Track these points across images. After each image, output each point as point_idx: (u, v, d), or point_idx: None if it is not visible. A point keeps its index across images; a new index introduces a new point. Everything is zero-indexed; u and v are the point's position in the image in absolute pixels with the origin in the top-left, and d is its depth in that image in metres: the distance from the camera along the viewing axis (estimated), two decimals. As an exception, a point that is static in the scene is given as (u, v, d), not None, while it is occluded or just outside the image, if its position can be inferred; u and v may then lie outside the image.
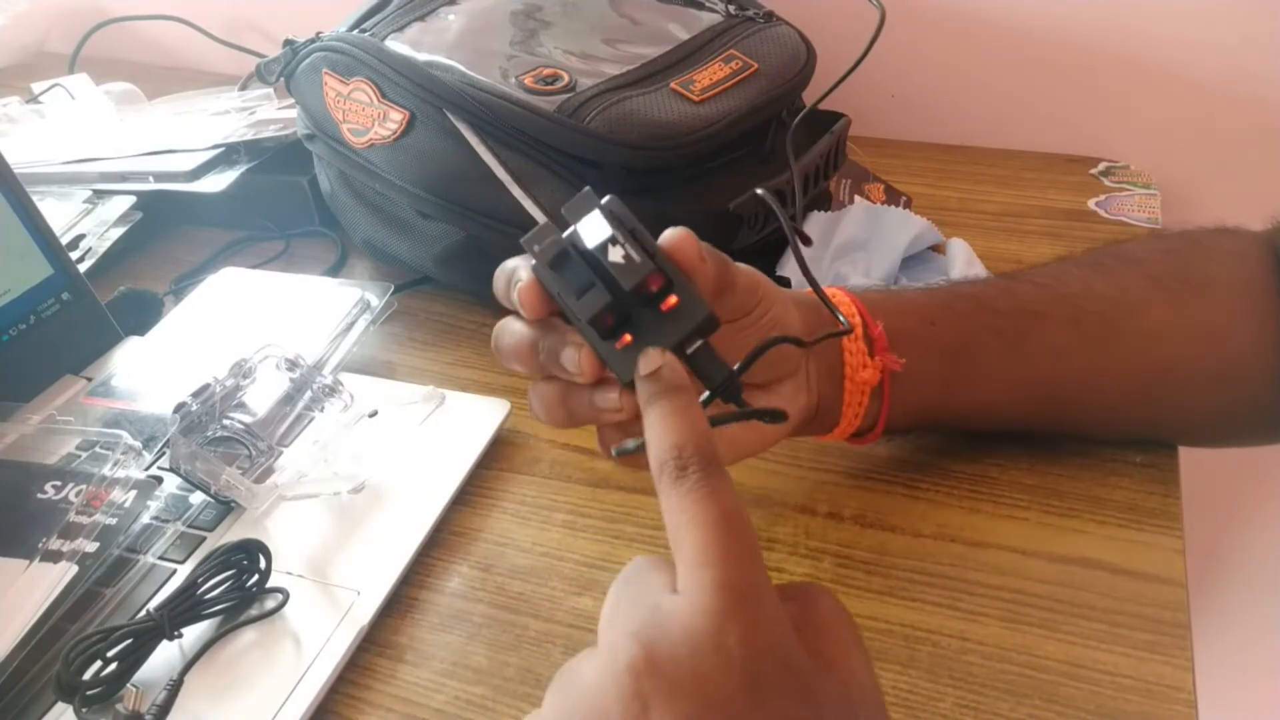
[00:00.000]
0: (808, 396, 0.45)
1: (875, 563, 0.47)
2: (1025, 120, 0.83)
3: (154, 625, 0.43)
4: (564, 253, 0.34)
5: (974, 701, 0.41)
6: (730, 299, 0.39)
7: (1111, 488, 0.50)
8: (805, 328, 0.44)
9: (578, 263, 0.34)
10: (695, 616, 0.26)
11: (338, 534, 0.50)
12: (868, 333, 0.46)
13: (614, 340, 0.34)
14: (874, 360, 0.46)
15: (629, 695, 0.25)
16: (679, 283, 0.34)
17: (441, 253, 0.64)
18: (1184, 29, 0.76)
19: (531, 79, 0.59)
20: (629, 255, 0.33)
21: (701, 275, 0.35)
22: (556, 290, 0.34)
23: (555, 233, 0.34)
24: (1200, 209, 0.56)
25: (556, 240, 0.34)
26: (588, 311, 0.33)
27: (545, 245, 0.34)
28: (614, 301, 0.33)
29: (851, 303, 0.47)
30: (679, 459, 0.29)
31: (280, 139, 0.76)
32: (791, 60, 0.64)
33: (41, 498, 0.50)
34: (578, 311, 0.33)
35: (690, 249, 0.35)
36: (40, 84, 0.93)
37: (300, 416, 0.55)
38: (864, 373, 0.46)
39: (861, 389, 0.46)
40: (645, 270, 0.33)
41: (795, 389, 0.45)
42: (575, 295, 0.33)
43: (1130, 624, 0.44)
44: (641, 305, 0.34)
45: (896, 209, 0.68)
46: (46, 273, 0.61)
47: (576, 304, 0.33)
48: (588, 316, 0.33)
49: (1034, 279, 0.50)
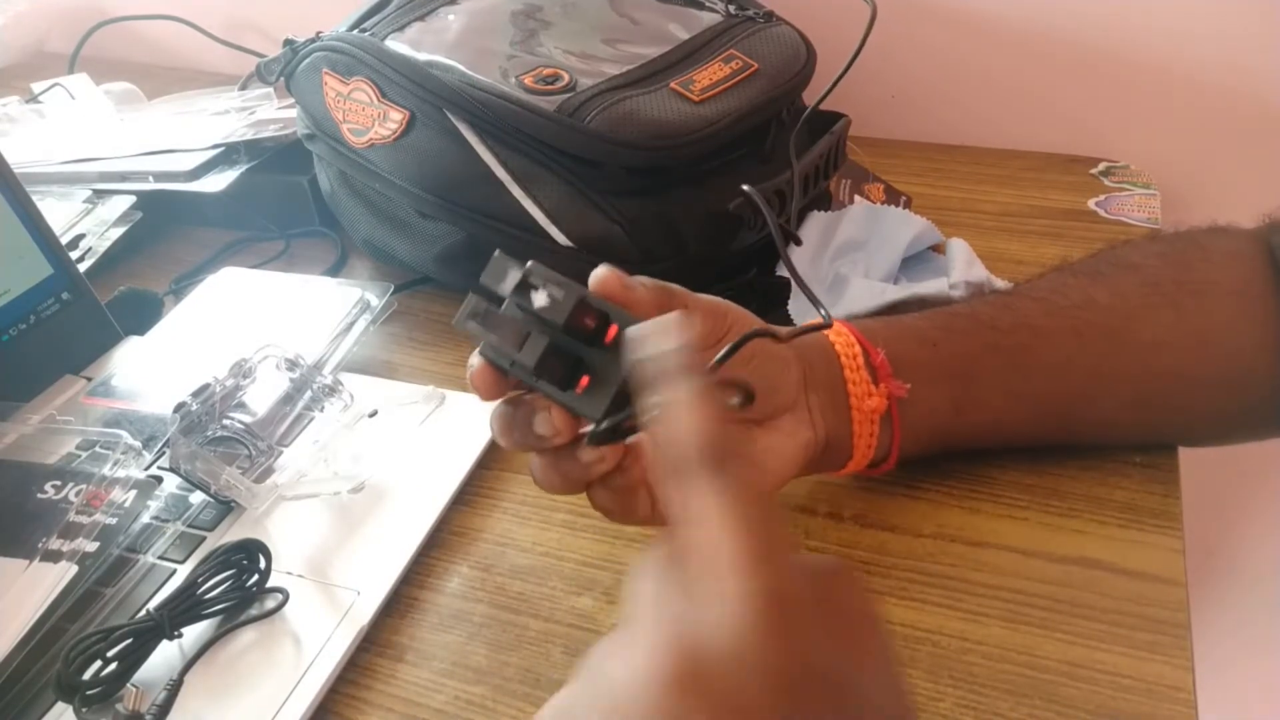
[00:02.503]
0: (811, 431, 0.44)
1: (875, 563, 0.47)
2: (1025, 120, 0.83)
3: (154, 625, 0.43)
4: (488, 311, 0.34)
5: (974, 701, 0.41)
6: None
7: (1111, 488, 0.50)
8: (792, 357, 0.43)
9: (509, 318, 0.34)
10: (741, 631, 0.24)
11: (338, 534, 0.50)
12: (869, 361, 0.46)
13: (573, 387, 0.34)
14: (879, 388, 0.45)
15: (667, 711, 0.24)
16: (614, 312, 0.33)
17: (441, 253, 0.64)
18: (1184, 29, 0.76)
19: (531, 79, 0.59)
20: (552, 295, 0.32)
21: (635, 303, 0.35)
22: (504, 358, 0.35)
23: (474, 297, 0.34)
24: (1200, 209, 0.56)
25: (475, 299, 0.34)
26: (532, 358, 0.33)
27: (469, 307, 0.34)
28: (553, 344, 0.33)
29: (849, 332, 0.46)
30: (698, 455, 0.26)
31: (280, 139, 0.76)
32: (791, 60, 0.64)
33: (41, 498, 0.50)
34: (524, 363, 0.33)
35: (611, 279, 0.35)
36: (40, 84, 0.93)
37: (300, 416, 0.55)
38: (870, 401, 0.45)
39: (870, 418, 0.45)
40: (571, 301, 0.32)
41: (796, 422, 0.44)
42: (517, 349, 0.33)
43: (1130, 624, 0.44)
44: (586, 345, 0.33)
45: (896, 209, 0.67)
46: (46, 273, 0.61)
47: (520, 357, 0.33)
48: (533, 364, 0.33)
49: (1031, 293, 0.50)
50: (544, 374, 0.33)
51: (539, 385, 0.34)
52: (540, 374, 0.33)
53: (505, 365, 0.35)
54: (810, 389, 0.44)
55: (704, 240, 0.60)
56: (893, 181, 0.73)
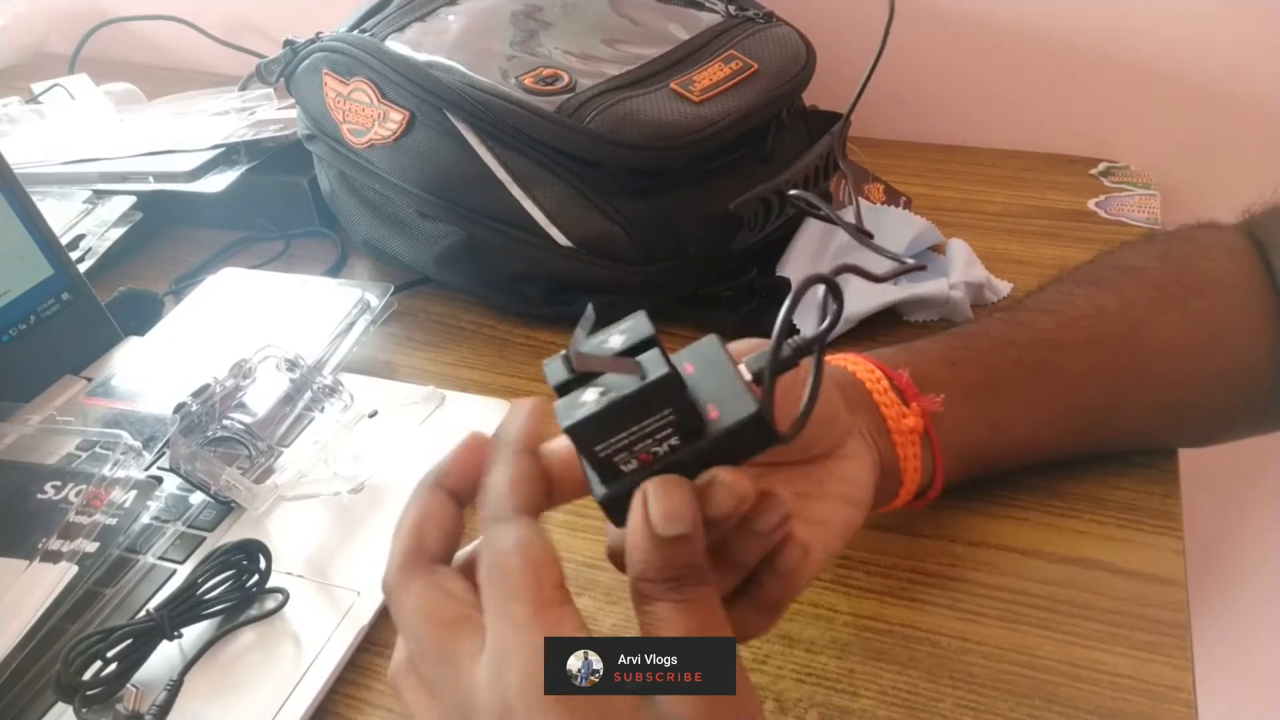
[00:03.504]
0: (873, 451, 0.42)
1: (875, 563, 0.47)
2: (1025, 120, 0.83)
3: (154, 625, 0.43)
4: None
5: (974, 701, 0.41)
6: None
7: (1111, 488, 0.50)
8: (846, 403, 0.41)
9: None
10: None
11: (338, 534, 0.50)
12: (894, 384, 0.44)
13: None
14: (911, 407, 0.44)
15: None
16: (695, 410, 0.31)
17: (441, 253, 0.64)
18: (1184, 29, 0.76)
19: (531, 79, 0.59)
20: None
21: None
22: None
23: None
24: (1200, 209, 0.56)
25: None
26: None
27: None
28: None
29: (865, 360, 0.45)
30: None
31: (280, 139, 0.76)
32: (791, 60, 0.64)
33: (41, 498, 0.50)
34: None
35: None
36: (40, 84, 0.93)
37: (300, 417, 0.55)
38: (907, 421, 0.44)
39: (910, 439, 0.44)
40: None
41: (859, 445, 0.42)
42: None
43: (1130, 624, 0.44)
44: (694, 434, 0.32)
45: (896, 209, 0.68)
46: (46, 273, 0.61)
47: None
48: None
49: (1040, 306, 0.49)
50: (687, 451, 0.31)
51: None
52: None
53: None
54: (853, 411, 0.43)
55: (704, 240, 0.60)
56: (893, 181, 0.73)
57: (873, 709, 0.41)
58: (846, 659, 0.43)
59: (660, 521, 0.29)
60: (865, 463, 0.41)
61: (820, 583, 0.47)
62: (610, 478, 0.31)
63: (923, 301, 0.62)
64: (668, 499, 0.30)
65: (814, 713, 0.41)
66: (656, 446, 0.31)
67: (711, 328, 0.62)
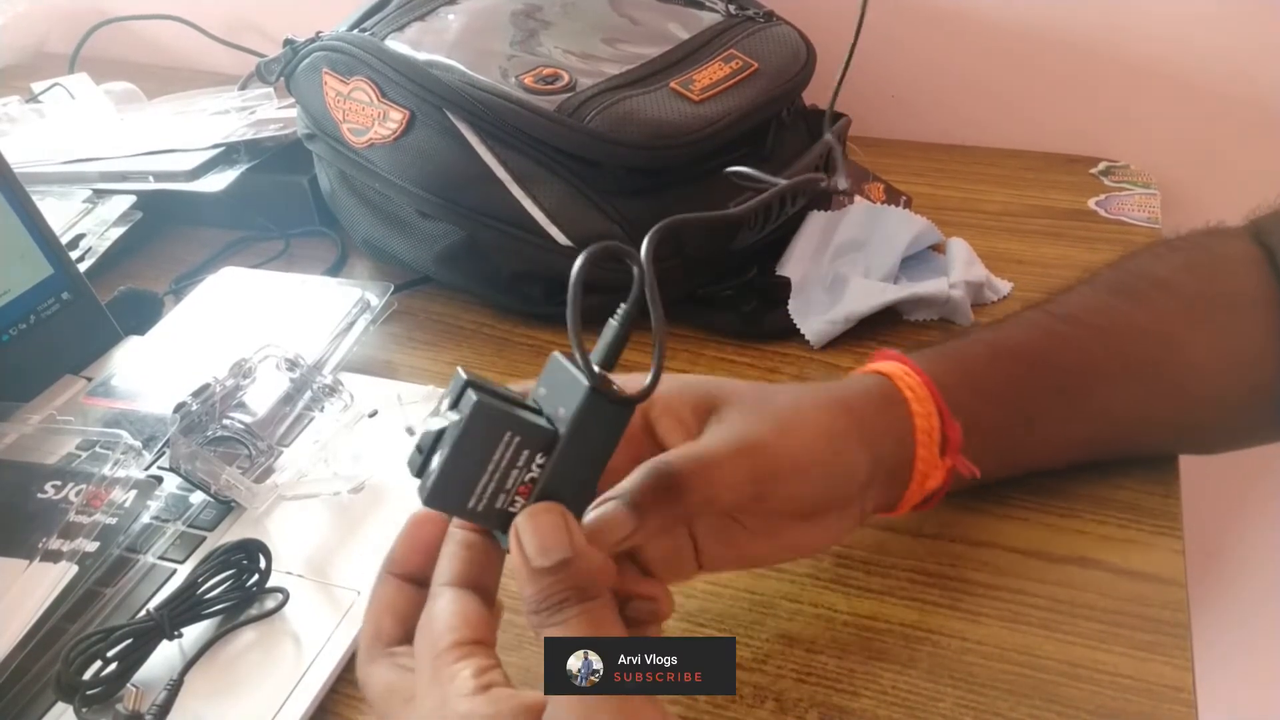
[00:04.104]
0: (854, 521, 0.42)
1: (875, 563, 0.47)
2: (1025, 120, 0.83)
3: (154, 625, 0.43)
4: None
5: (974, 701, 0.41)
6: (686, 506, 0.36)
7: (1111, 488, 0.50)
8: (839, 424, 0.40)
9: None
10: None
11: (338, 534, 0.50)
12: (944, 431, 0.42)
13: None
14: (943, 459, 0.42)
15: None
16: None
17: (441, 252, 0.64)
18: (1184, 29, 0.76)
19: (531, 79, 0.59)
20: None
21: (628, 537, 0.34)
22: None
23: None
24: (1200, 209, 0.56)
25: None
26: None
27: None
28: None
29: (931, 397, 0.42)
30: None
31: (280, 139, 0.76)
32: (791, 60, 0.64)
33: (41, 498, 0.50)
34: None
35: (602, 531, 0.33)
36: (40, 84, 0.93)
37: (300, 416, 0.55)
38: (931, 481, 0.42)
39: (924, 490, 0.43)
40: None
41: (840, 518, 0.41)
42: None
43: (1130, 624, 0.44)
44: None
45: (896, 209, 0.67)
46: (46, 273, 0.61)
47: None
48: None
49: (1081, 316, 0.48)
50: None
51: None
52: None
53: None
54: (871, 486, 0.41)
55: (704, 240, 0.60)
56: (893, 181, 0.73)
57: (873, 709, 0.41)
58: (846, 659, 0.43)
59: (535, 555, 0.31)
60: (830, 533, 0.41)
61: (820, 582, 0.47)
62: (503, 527, 0.32)
63: (923, 300, 0.62)
64: (538, 531, 0.31)
65: (814, 713, 0.41)
66: (527, 473, 0.31)
67: (711, 328, 0.63)
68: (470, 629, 0.32)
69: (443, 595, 0.33)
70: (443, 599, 0.33)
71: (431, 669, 0.31)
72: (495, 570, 0.34)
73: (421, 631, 0.33)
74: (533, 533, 0.31)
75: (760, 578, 0.47)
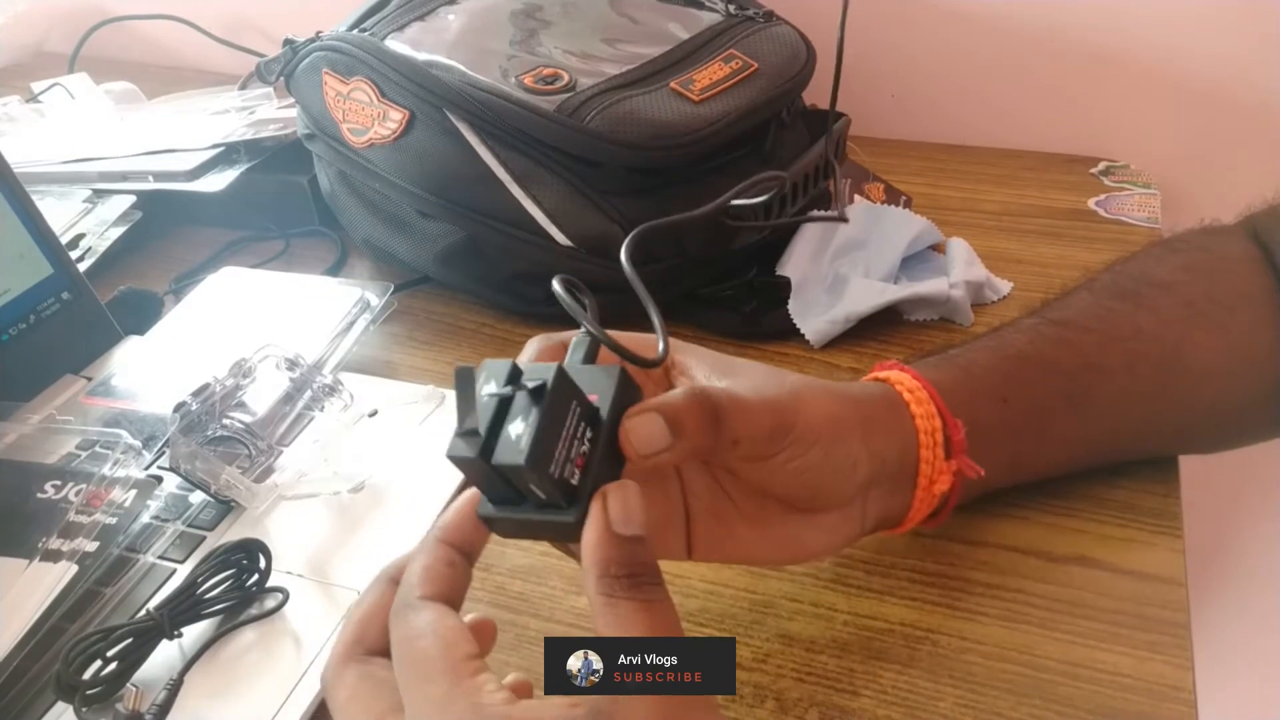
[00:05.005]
0: (857, 525, 0.42)
1: (875, 562, 0.47)
2: (1025, 120, 0.83)
3: (154, 625, 0.43)
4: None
5: (974, 701, 0.41)
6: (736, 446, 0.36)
7: (1111, 487, 0.50)
8: (843, 412, 0.40)
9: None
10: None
11: (338, 534, 0.50)
12: (947, 434, 0.42)
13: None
14: (949, 463, 0.42)
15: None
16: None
17: (441, 252, 0.64)
18: (1184, 29, 0.76)
19: (531, 79, 0.59)
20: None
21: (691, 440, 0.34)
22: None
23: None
24: (1200, 209, 0.56)
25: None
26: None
27: None
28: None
29: (930, 399, 0.42)
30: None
31: (280, 138, 0.76)
32: (791, 60, 0.64)
33: (41, 497, 0.50)
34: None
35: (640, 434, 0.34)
36: (40, 84, 0.93)
37: (300, 416, 0.55)
38: (937, 486, 0.42)
39: (931, 496, 0.43)
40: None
41: (841, 519, 0.41)
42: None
43: (1130, 624, 0.44)
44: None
45: (896, 209, 0.68)
46: (46, 272, 0.61)
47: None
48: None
49: (1082, 321, 0.48)
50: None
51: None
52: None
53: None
54: (874, 485, 0.41)
55: (704, 240, 0.60)
56: (893, 181, 0.73)
57: (873, 708, 0.41)
58: (846, 658, 0.43)
59: (619, 522, 0.31)
60: (833, 536, 0.41)
61: (820, 582, 0.47)
62: (569, 499, 0.32)
63: (923, 300, 0.62)
64: (624, 502, 0.32)
65: (814, 712, 0.41)
66: (581, 446, 0.32)
67: (711, 328, 0.63)
68: (473, 644, 0.31)
69: (433, 609, 0.32)
70: (436, 612, 0.32)
71: (451, 677, 0.30)
72: (464, 593, 0.34)
73: (416, 640, 0.31)
74: (621, 502, 0.32)
75: (760, 578, 0.47)
